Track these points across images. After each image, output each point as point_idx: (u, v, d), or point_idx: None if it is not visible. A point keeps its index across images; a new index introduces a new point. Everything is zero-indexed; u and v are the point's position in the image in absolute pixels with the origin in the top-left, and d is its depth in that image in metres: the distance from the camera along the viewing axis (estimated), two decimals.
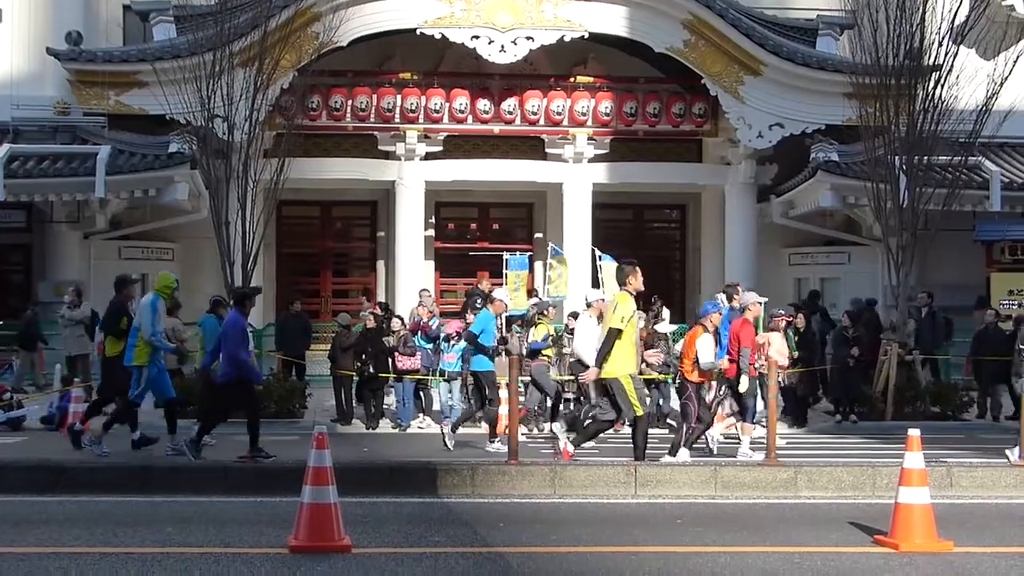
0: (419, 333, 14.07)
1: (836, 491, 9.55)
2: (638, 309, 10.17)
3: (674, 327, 13.57)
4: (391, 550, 6.81)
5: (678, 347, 12.08)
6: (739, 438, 11.13)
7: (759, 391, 10.99)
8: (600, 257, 14.67)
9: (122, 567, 6.18)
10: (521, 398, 11.49)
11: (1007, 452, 10.57)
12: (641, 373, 11.15)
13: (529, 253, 16.57)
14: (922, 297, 15.25)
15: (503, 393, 12.08)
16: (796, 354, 13.72)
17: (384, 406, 14.29)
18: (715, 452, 10.45)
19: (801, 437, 13.59)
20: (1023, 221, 17.81)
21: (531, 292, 15.39)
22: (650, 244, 20.87)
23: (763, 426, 12.24)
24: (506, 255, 14.68)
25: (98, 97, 17.60)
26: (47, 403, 13.03)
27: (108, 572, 6.10)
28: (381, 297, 18.53)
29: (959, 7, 15.78)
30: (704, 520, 8.14)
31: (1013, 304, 16.01)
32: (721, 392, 10.71)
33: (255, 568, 6.22)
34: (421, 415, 13.93)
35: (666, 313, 13.15)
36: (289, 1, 16.02)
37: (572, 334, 13.99)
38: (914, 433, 7.27)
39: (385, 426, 13.85)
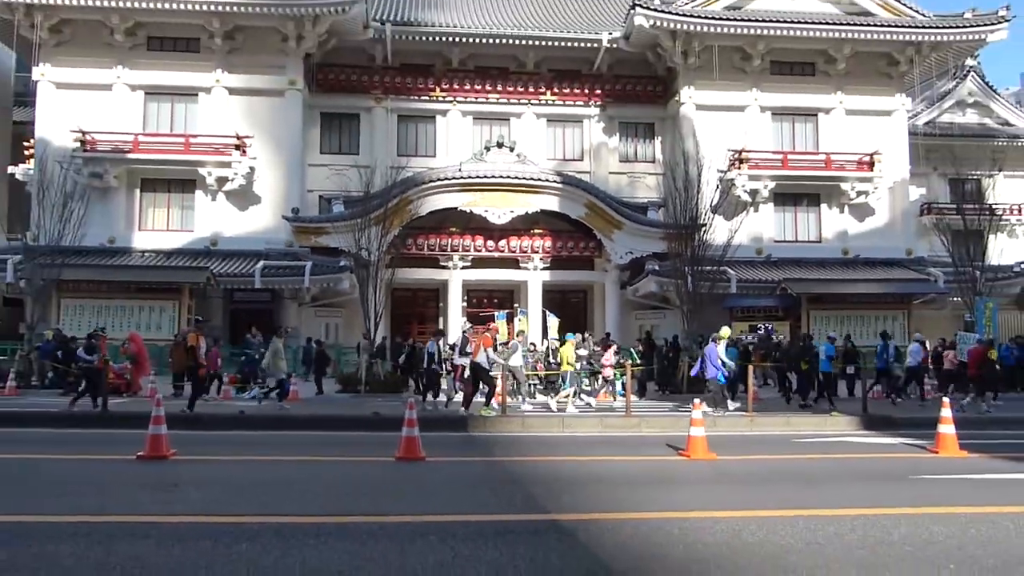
0: (458, 351, 18.34)
1: (660, 429, 13.17)
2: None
3: (585, 352, 21.81)
4: (444, 459, 9.64)
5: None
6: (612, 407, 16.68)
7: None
8: (547, 314, 25.33)
9: (283, 467, 9.23)
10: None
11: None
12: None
13: (508, 312, 26.14)
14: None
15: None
16: (640, 361, 22.64)
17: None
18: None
19: (642, 402, 18.99)
20: (747, 297, 28.86)
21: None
22: (570, 310, 30.83)
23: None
24: (496, 313, 25.99)
25: (306, 239, 28.29)
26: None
27: (288, 468, 9.12)
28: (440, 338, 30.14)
29: (715, 196, 27.48)
30: (594, 444, 11.42)
31: (746, 336, 27.77)
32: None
33: (378, 467, 9.04)
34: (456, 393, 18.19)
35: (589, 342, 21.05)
36: (396, 195, 26.16)
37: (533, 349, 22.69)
38: (696, 400, 10.79)
39: (441, 397, 18.60)
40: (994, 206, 29.77)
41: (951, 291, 29.22)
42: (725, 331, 17.15)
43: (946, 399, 12.53)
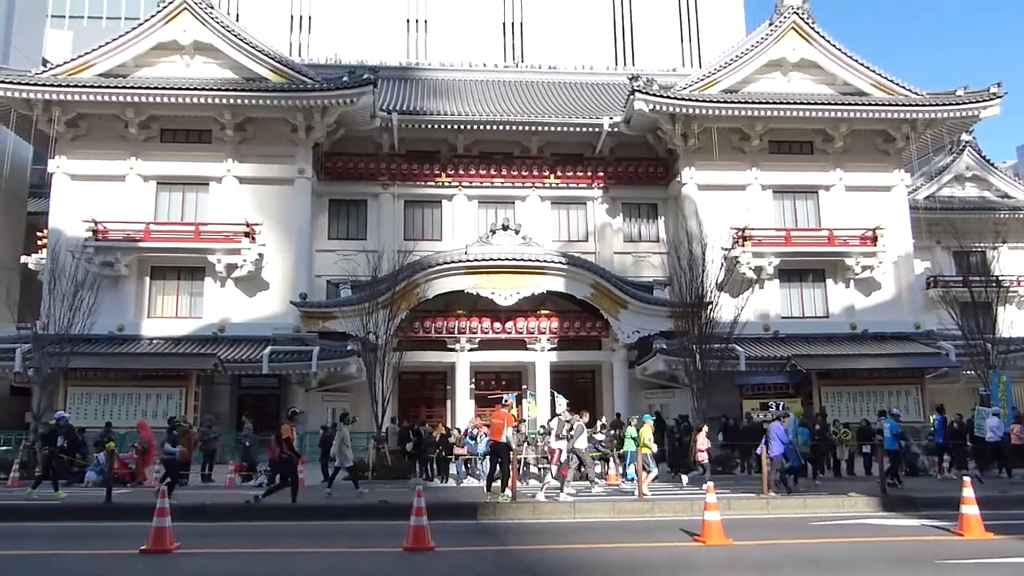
0: (467, 435, 21.54)
1: (673, 513, 12.81)
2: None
3: (602, 437, 21.31)
4: (454, 548, 9.51)
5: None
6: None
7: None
8: (555, 395, 25.28)
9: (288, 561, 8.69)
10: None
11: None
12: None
13: (517, 394, 26.78)
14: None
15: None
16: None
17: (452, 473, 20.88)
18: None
19: (654, 484, 18.28)
20: (757, 374, 28.94)
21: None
22: (578, 390, 30.74)
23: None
24: (504, 395, 25.69)
25: (314, 323, 28.43)
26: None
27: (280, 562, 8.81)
28: (448, 421, 29.24)
29: (720, 274, 27.98)
30: (607, 529, 11.28)
31: (756, 414, 27.39)
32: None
33: (387, 558, 8.84)
34: (468, 476, 20.70)
35: (599, 425, 22.08)
36: (403, 279, 26.90)
37: (545, 434, 20.11)
38: (710, 484, 10.85)
39: (449, 482, 20.00)
40: (1000, 278, 29.74)
41: (963, 364, 28.92)
42: (797, 408, 17.63)
43: (967, 478, 12.21)
